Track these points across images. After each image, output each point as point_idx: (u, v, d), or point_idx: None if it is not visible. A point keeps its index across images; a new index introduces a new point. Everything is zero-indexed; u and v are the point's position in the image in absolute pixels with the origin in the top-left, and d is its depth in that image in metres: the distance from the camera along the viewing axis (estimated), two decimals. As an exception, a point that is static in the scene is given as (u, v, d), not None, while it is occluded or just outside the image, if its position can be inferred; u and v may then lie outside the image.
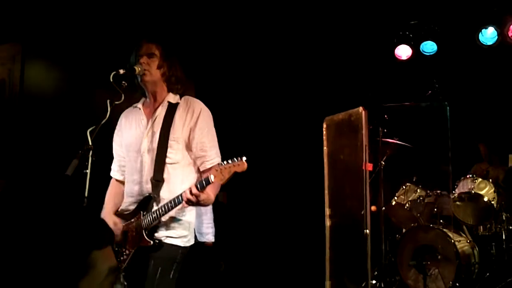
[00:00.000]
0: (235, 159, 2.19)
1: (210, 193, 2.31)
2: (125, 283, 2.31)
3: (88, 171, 2.17)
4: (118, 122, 2.66)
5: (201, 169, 2.47)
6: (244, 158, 2.18)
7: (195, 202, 2.26)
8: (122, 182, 2.62)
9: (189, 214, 2.45)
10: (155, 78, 2.49)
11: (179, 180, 2.42)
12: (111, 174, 2.69)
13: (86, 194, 2.16)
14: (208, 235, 2.56)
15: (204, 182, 2.23)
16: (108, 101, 2.31)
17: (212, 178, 2.19)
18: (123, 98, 2.37)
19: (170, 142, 2.42)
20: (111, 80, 2.34)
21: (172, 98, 2.53)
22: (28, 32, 4.80)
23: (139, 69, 2.44)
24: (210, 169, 2.39)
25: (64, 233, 0.99)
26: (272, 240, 5.22)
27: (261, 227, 5.29)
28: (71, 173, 2.13)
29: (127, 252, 2.40)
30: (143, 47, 2.50)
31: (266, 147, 5.29)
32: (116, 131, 2.66)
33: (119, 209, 2.55)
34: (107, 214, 2.52)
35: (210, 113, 2.53)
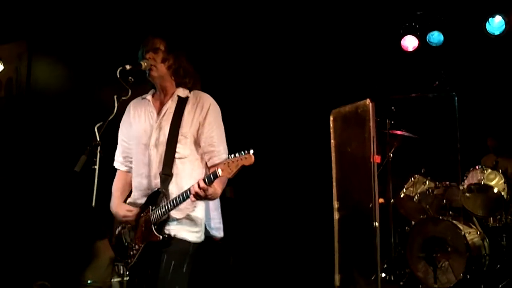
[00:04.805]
0: (242, 152, 2.17)
1: (217, 187, 2.32)
2: (127, 273, 2.31)
3: (97, 167, 2.18)
4: (126, 112, 2.62)
5: (209, 164, 2.47)
6: (251, 151, 2.16)
7: (203, 196, 2.26)
8: (128, 173, 2.61)
9: (199, 210, 2.45)
10: (162, 73, 2.49)
11: (187, 175, 2.41)
12: (115, 165, 2.65)
13: (94, 190, 2.16)
14: (218, 230, 2.56)
15: (212, 176, 2.22)
16: (115, 96, 2.31)
17: (219, 172, 2.18)
18: (130, 93, 2.37)
19: (180, 137, 2.42)
20: (118, 75, 2.34)
21: (182, 92, 2.52)
22: (34, 30, 4.81)
23: (145, 64, 2.44)
24: (218, 164, 2.37)
25: (71, 224, 1.00)
26: (280, 234, 5.22)
27: (269, 221, 5.28)
28: (80, 169, 2.14)
29: (136, 247, 2.40)
30: (148, 42, 2.50)
31: (273, 140, 5.27)
32: (123, 121, 2.63)
33: (127, 202, 2.55)
34: (118, 205, 2.52)
35: (219, 108, 2.53)
